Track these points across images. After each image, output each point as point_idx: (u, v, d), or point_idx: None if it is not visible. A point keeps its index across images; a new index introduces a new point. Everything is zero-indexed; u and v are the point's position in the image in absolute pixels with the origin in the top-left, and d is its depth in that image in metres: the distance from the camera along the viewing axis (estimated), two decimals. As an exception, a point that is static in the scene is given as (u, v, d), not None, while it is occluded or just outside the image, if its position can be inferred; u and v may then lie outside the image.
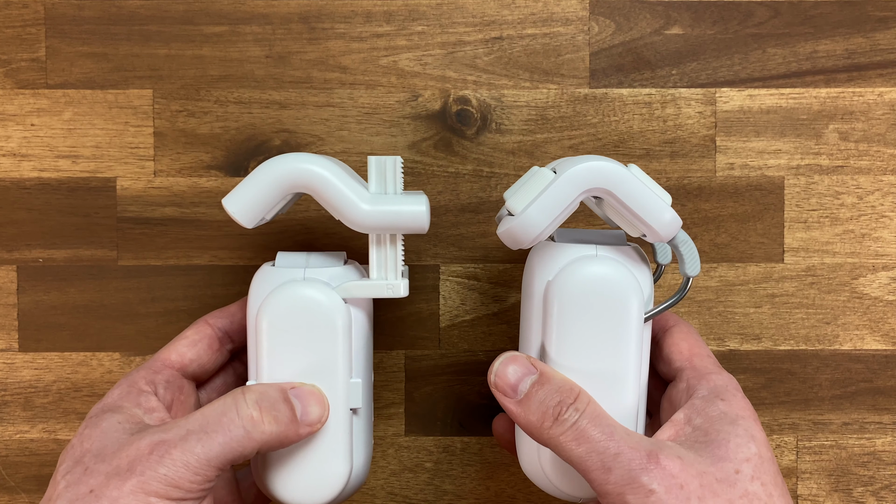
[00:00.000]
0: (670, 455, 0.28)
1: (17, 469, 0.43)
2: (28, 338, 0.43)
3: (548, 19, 0.43)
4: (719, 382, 0.32)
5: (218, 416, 0.30)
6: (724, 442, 0.30)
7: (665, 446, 0.29)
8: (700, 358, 0.34)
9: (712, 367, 0.33)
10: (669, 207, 0.31)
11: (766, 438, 0.31)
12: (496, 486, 0.43)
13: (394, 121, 0.43)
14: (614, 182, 0.30)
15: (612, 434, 0.29)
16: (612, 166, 0.30)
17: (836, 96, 0.43)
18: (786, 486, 0.30)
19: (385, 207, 0.32)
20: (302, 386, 0.33)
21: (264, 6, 0.43)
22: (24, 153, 0.43)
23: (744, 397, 0.32)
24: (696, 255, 0.32)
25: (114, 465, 0.29)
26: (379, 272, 0.34)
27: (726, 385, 0.32)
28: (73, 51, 0.43)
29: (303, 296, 0.33)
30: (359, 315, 0.34)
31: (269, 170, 0.33)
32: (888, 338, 0.43)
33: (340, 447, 0.34)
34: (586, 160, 0.30)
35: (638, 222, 0.31)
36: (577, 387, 0.30)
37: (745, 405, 0.31)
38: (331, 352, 0.33)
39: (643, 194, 0.30)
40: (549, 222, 0.30)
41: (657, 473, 0.28)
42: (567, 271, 0.31)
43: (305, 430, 0.32)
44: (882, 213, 0.43)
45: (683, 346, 0.34)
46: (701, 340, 0.35)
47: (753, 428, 0.30)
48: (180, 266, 0.43)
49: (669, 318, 0.36)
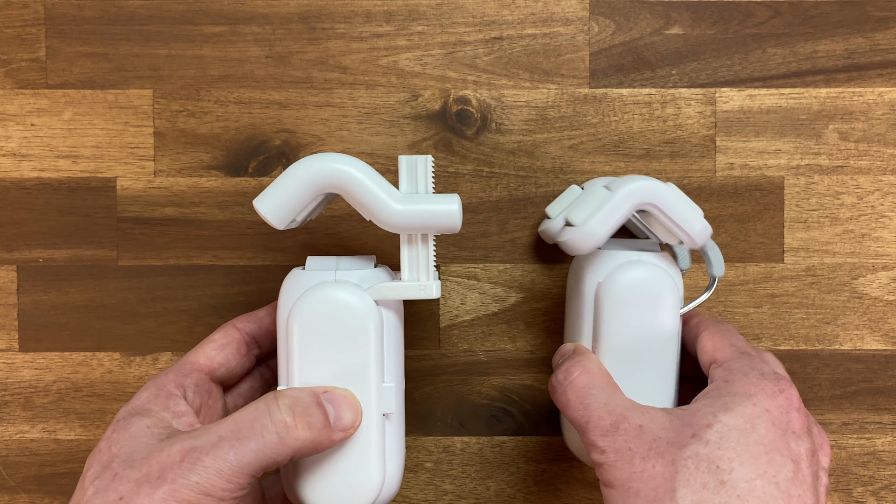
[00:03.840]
0: (632, 423, 0.31)
1: (17, 469, 0.43)
2: (28, 338, 0.43)
3: (548, 19, 0.43)
4: (734, 366, 0.32)
5: (250, 422, 0.30)
6: (694, 411, 0.30)
7: (636, 414, 0.31)
8: (722, 350, 0.34)
9: (732, 353, 0.34)
10: (702, 217, 0.36)
11: (756, 414, 0.30)
12: (496, 486, 0.43)
13: (394, 121, 0.43)
14: (661, 198, 0.35)
15: (590, 402, 0.32)
16: (659, 184, 0.35)
17: (836, 96, 0.43)
18: (770, 463, 0.29)
19: (417, 206, 0.32)
20: (334, 390, 0.32)
21: (264, 6, 0.43)
22: (25, 153, 0.43)
23: (759, 377, 0.31)
24: (722, 258, 0.38)
25: (144, 471, 0.28)
26: (411, 273, 0.34)
27: (740, 367, 0.32)
28: (73, 51, 0.43)
29: (334, 297, 0.32)
30: (391, 317, 0.34)
31: (299, 170, 0.32)
32: (888, 338, 0.43)
33: (373, 454, 0.33)
34: (637, 180, 0.35)
35: (678, 230, 0.36)
36: (583, 360, 0.34)
37: (751, 384, 0.31)
38: (363, 355, 0.33)
39: (682, 207, 0.35)
40: (606, 232, 0.35)
41: (611, 437, 0.31)
42: (616, 273, 0.36)
43: (339, 435, 0.32)
44: (882, 213, 0.43)
45: (708, 345, 0.35)
46: (727, 333, 0.35)
47: (739, 403, 0.30)
48: (180, 266, 0.43)
49: (701, 323, 0.37)
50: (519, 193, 0.43)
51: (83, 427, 0.43)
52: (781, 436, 0.30)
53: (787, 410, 0.31)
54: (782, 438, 0.30)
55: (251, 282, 0.43)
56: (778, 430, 0.30)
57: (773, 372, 0.32)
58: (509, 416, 0.43)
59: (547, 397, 0.43)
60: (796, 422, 0.31)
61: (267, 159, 0.43)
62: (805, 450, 0.30)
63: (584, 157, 0.43)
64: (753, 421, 0.30)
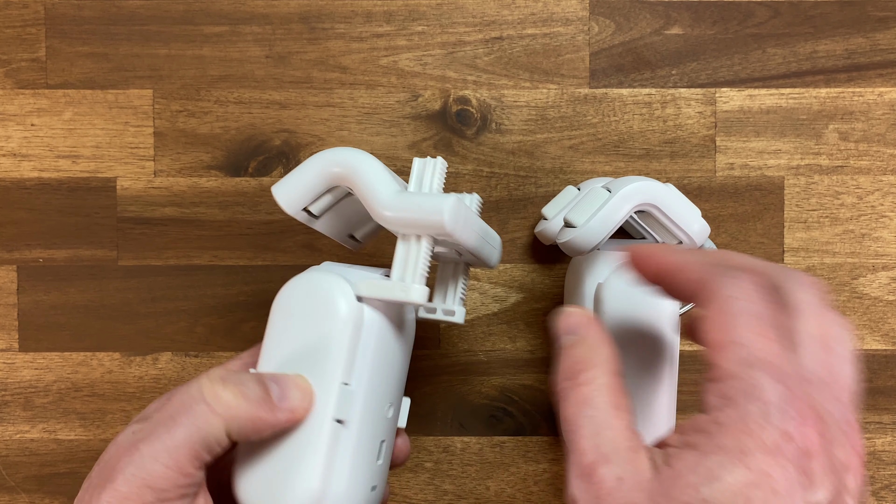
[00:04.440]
0: (610, 474, 0.25)
1: (17, 469, 0.43)
2: (28, 338, 0.43)
3: (548, 19, 0.43)
4: (731, 392, 0.24)
5: (182, 398, 0.28)
6: (676, 476, 0.24)
7: (620, 461, 0.25)
8: (723, 351, 0.25)
9: (734, 362, 0.25)
10: (700, 218, 0.36)
11: (751, 483, 0.23)
12: (496, 486, 0.43)
13: (394, 121, 0.43)
14: (660, 198, 0.35)
15: (581, 426, 0.26)
16: (658, 185, 0.35)
17: (836, 96, 0.43)
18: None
19: (407, 200, 0.31)
20: (283, 374, 0.29)
21: (264, 6, 0.43)
22: (25, 153, 0.43)
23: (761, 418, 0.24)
24: None
25: (102, 475, 0.27)
26: (397, 273, 0.31)
27: (738, 397, 0.24)
28: (73, 51, 0.43)
29: (314, 281, 0.31)
30: (378, 321, 0.31)
31: (314, 157, 0.32)
32: (888, 338, 0.43)
33: (314, 458, 0.29)
34: (636, 180, 0.35)
35: (677, 230, 0.36)
36: (591, 363, 0.28)
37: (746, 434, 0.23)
38: (326, 346, 0.30)
39: (681, 207, 0.35)
40: (607, 233, 0.35)
41: (585, 484, 0.25)
42: (616, 274, 0.36)
43: (284, 414, 0.29)
44: (882, 213, 0.43)
45: (710, 336, 0.26)
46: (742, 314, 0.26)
47: (728, 468, 0.23)
48: (180, 266, 0.43)
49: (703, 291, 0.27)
50: (519, 193, 0.43)
51: (83, 427, 0.43)
52: (788, 499, 0.23)
53: (797, 465, 0.23)
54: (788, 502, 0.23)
55: (251, 282, 0.43)
56: (785, 498, 0.23)
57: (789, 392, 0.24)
58: (509, 416, 0.43)
59: (547, 397, 0.43)
60: (815, 472, 0.23)
61: (267, 159, 0.43)
62: (825, 499, 0.23)
63: (584, 157, 0.43)
64: (747, 496, 0.23)
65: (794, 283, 0.26)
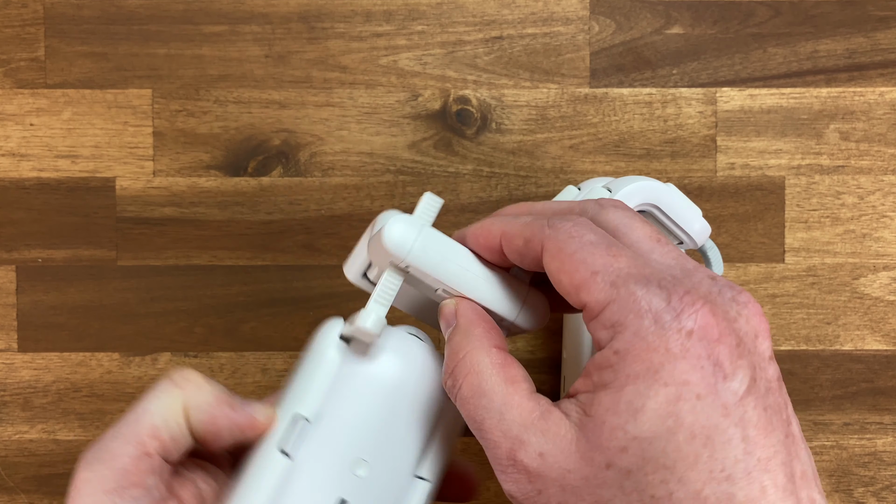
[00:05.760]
0: (531, 451, 0.23)
1: (16, 469, 0.43)
2: (27, 338, 0.43)
3: (548, 19, 0.43)
4: (614, 316, 0.23)
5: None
6: (599, 423, 0.22)
7: (535, 435, 0.23)
8: (585, 286, 0.24)
9: (599, 286, 0.23)
10: (701, 217, 0.36)
11: (673, 398, 0.21)
12: (496, 486, 0.43)
13: (394, 120, 0.43)
14: (660, 198, 0.35)
15: (483, 419, 0.24)
16: (658, 185, 0.35)
17: (837, 96, 0.43)
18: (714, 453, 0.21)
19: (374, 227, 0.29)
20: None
21: (264, 6, 0.42)
22: (24, 153, 0.43)
23: (655, 326, 0.22)
24: (721, 258, 0.38)
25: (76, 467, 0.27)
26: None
27: (622, 314, 0.23)
28: (72, 50, 0.43)
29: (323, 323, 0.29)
30: (362, 367, 0.28)
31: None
32: (889, 338, 0.43)
33: (254, 484, 0.27)
34: (637, 180, 0.35)
35: (678, 230, 0.36)
36: (466, 348, 0.26)
37: (650, 350, 0.22)
38: (296, 378, 0.28)
39: (682, 207, 0.35)
40: None
41: (513, 475, 0.24)
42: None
43: (242, 415, 0.27)
44: (883, 213, 0.43)
45: (564, 279, 0.24)
46: (564, 243, 0.24)
47: (647, 394, 0.21)
48: (179, 266, 0.43)
49: (541, 241, 0.25)
50: (519, 193, 0.43)
51: (82, 427, 0.43)
52: (714, 401, 0.21)
53: (708, 359, 0.22)
54: (717, 405, 0.21)
55: (251, 282, 0.43)
56: (709, 399, 0.21)
57: (665, 291, 0.23)
58: (509, 416, 0.43)
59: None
60: (725, 360, 0.22)
61: (266, 159, 0.43)
62: (745, 386, 0.22)
63: (585, 156, 0.43)
64: (675, 413, 0.21)
65: (598, 208, 0.26)
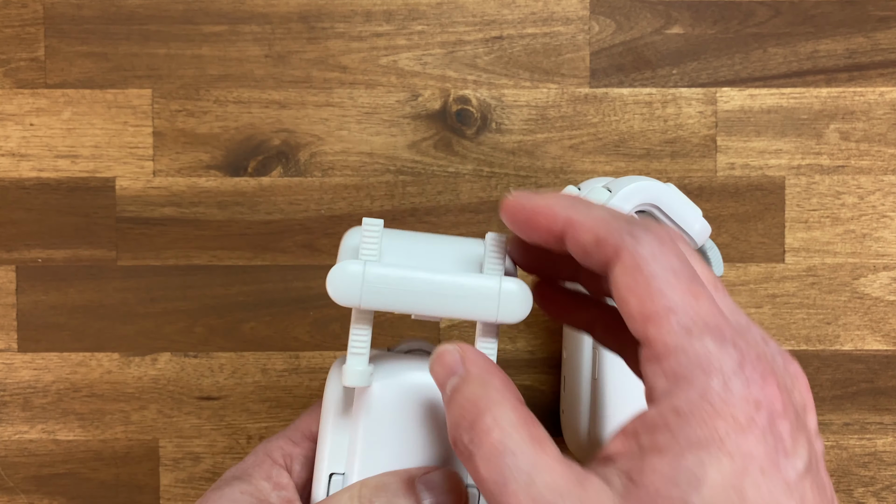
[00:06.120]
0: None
1: (15, 469, 0.43)
2: (27, 338, 0.43)
3: (548, 19, 0.43)
4: (682, 371, 0.20)
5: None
6: (652, 489, 0.19)
7: (570, 498, 0.20)
8: (656, 321, 0.21)
9: (673, 332, 0.20)
10: (701, 217, 0.36)
11: (739, 471, 0.19)
12: None
13: (394, 120, 0.43)
14: (660, 198, 0.35)
15: (507, 481, 0.21)
16: (659, 185, 0.35)
17: (837, 96, 0.43)
18: None
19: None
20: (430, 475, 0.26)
21: (264, 6, 0.42)
22: (23, 153, 0.43)
23: (724, 391, 0.20)
24: (721, 258, 0.38)
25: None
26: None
27: (691, 374, 0.20)
28: (72, 50, 0.43)
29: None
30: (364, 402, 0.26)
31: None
32: (889, 338, 0.43)
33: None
34: (637, 180, 0.35)
35: (678, 230, 0.35)
36: (485, 401, 0.23)
37: (716, 419, 0.19)
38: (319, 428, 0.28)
39: (682, 207, 0.35)
40: None
41: None
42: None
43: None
44: (883, 213, 0.43)
45: (633, 303, 0.21)
46: (666, 271, 0.21)
47: (710, 464, 0.19)
48: (179, 266, 0.43)
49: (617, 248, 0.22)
50: (519, 193, 0.43)
51: (82, 427, 0.43)
52: (777, 478, 0.20)
53: (772, 433, 0.20)
54: (780, 481, 0.20)
55: (251, 282, 0.43)
56: (773, 475, 0.20)
57: (738, 352, 0.20)
58: (509, 416, 0.43)
59: (547, 397, 0.43)
60: (787, 436, 0.20)
61: (266, 159, 0.43)
62: (804, 463, 0.20)
63: (585, 156, 0.43)
64: (739, 487, 0.19)
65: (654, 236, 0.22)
